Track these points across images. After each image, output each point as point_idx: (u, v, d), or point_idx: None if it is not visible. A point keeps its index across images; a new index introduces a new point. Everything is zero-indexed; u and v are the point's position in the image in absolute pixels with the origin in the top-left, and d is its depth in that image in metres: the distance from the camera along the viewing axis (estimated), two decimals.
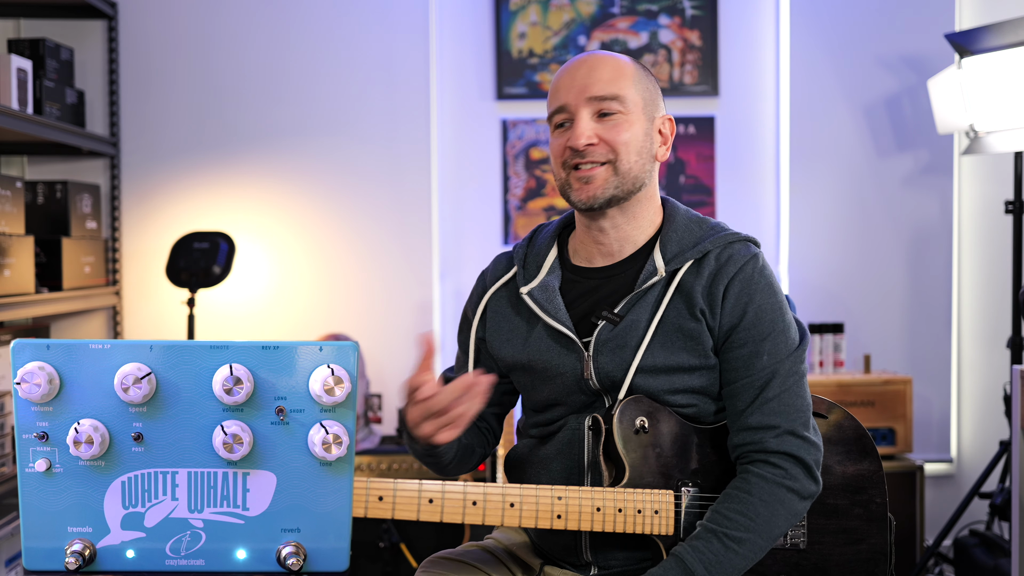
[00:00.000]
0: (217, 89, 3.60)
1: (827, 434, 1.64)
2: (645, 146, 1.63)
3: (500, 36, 3.63)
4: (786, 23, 3.65)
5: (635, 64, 1.66)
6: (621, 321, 1.61)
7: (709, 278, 1.60)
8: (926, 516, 3.52)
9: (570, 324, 1.64)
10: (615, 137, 1.60)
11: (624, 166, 1.61)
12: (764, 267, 1.62)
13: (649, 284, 1.61)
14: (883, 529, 1.64)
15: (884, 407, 3.33)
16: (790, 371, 1.58)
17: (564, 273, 1.71)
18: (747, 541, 1.50)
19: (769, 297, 1.60)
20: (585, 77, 1.62)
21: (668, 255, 1.63)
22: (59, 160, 3.58)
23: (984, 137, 3.20)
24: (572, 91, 1.62)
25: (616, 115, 1.61)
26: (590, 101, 1.61)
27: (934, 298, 3.68)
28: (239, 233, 3.52)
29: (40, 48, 3.15)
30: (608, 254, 1.68)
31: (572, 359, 1.63)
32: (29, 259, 2.89)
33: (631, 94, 1.62)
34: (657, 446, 1.58)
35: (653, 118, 1.66)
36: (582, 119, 1.60)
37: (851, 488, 1.63)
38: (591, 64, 1.63)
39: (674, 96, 3.65)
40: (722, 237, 1.65)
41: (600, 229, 1.67)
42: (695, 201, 3.68)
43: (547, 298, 1.67)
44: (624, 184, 1.61)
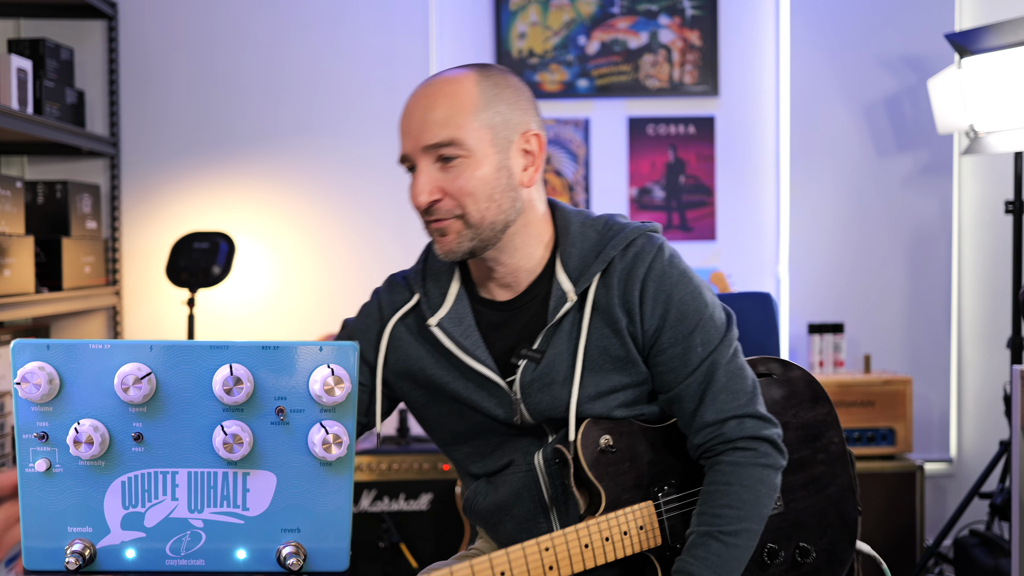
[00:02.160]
0: (217, 89, 3.59)
1: (780, 391, 1.62)
2: (500, 183, 1.47)
3: (500, 36, 3.63)
4: (786, 23, 3.65)
5: (480, 85, 1.48)
6: (543, 358, 1.52)
7: (621, 287, 1.51)
8: (926, 516, 3.52)
9: (493, 365, 1.54)
10: (458, 188, 1.45)
11: (475, 217, 1.46)
12: (671, 256, 1.54)
13: (563, 312, 1.52)
14: (846, 466, 1.64)
15: (884, 407, 3.33)
16: (728, 355, 1.52)
17: (472, 304, 1.58)
18: (743, 531, 1.47)
19: (686, 286, 1.52)
20: (420, 122, 1.46)
21: (573, 274, 1.53)
22: (59, 160, 3.58)
23: (984, 137, 3.20)
24: (410, 138, 1.48)
25: (457, 160, 1.45)
26: (426, 151, 1.46)
27: (934, 298, 3.68)
28: (239, 233, 3.52)
29: (40, 48, 3.15)
30: (507, 287, 1.57)
31: (496, 401, 1.55)
32: (29, 259, 2.88)
33: (472, 130, 1.45)
34: (626, 460, 1.53)
35: (510, 143, 1.49)
36: (421, 172, 1.46)
37: (810, 436, 1.62)
38: (425, 104, 1.47)
39: (674, 96, 3.65)
40: (621, 238, 1.53)
41: (487, 267, 1.55)
42: (695, 201, 3.68)
43: (462, 333, 1.55)
44: (481, 233, 1.48)
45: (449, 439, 1.64)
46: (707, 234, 3.68)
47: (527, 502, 1.57)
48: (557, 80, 3.64)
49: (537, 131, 1.52)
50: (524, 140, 1.51)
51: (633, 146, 3.67)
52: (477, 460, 1.63)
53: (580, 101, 3.66)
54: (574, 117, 3.66)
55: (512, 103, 1.50)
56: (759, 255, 3.71)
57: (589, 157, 3.67)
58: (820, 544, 1.60)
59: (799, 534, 1.59)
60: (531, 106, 1.53)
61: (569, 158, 3.67)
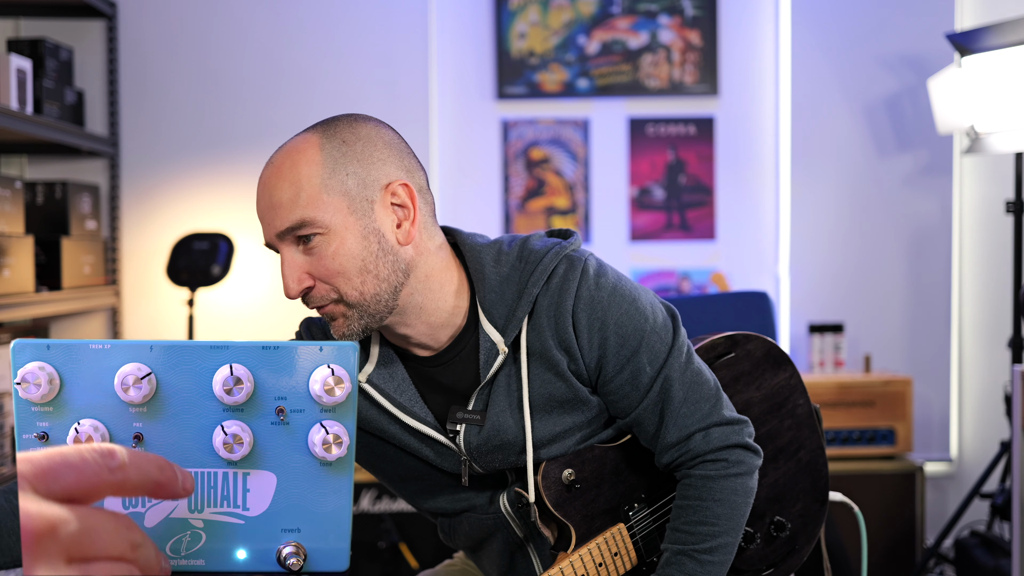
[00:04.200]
0: (217, 89, 3.59)
1: (741, 367, 1.57)
2: (371, 252, 1.32)
3: (500, 36, 3.63)
4: (786, 23, 3.65)
5: (324, 149, 1.32)
6: (484, 419, 1.41)
7: (552, 325, 1.38)
8: (926, 516, 3.52)
9: (435, 423, 1.43)
10: (325, 269, 1.32)
11: (353, 296, 1.33)
12: (597, 273, 1.40)
13: (497, 367, 1.39)
14: (814, 428, 1.61)
15: (884, 407, 3.33)
16: (681, 365, 1.42)
17: (401, 360, 1.46)
18: (719, 547, 1.41)
19: (620, 304, 1.39)
20: (268, 208, 1.32)
21: (499, 322, 1.39)
22: (59, 160, 3.58)
23: (984, 137, 3.20)
24: (264, 225, 1.34)
25: (316, 240, 1.31)
26: (282, 237, 1.32)
27: (934, 298, 3.68)
28: (239, 233, 3.52)
29: (40, 48, 3.15)
30: (426, 347, 1.43)
31: (443, 459, 1.46)
32: (29, 259, 2.88)
33: (323, 205, 1.30)
34: (593, 489, 1.47)
35: (371, 204, 1.32)
36: (285, 260, 1.33)
37: (775, 404, 1.58)
38: (269, 186, 1.33)
39: (674, 96, 3.65)
40: (540, 271, 1.39)
41: (396, 332, 1.41)
42: (695, 201, 3.67)
43: (396, 389, 1.44)
44: (368, 309, 1.34)
45: (394, 476, 1.55)
46: (707, 234, 3.68)
47: (501, 540, 1.52)
48: (557, 80, 3.64)
49: (404, 179, 1.35)
50: (389, 194, 1.34)
51: (633, 146, 3.67)
52: (427, 498, 1.55)
53: (580, 101, 3.65)
54: (574, 117, 3.66)
55: (364, 159, 1.33)
56: (759, 255, 3.70)
57: (589, 157, 3.67)
58: (794, 512, 1.59)
59: (773, 509, 1.58)
60: (390, 153, 1.36)
61: (569, 158, 3.66)
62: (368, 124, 1.37)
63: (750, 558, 1.56)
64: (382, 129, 1.38)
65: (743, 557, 1.56)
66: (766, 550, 1.57)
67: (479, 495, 1.51)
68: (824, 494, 1.62)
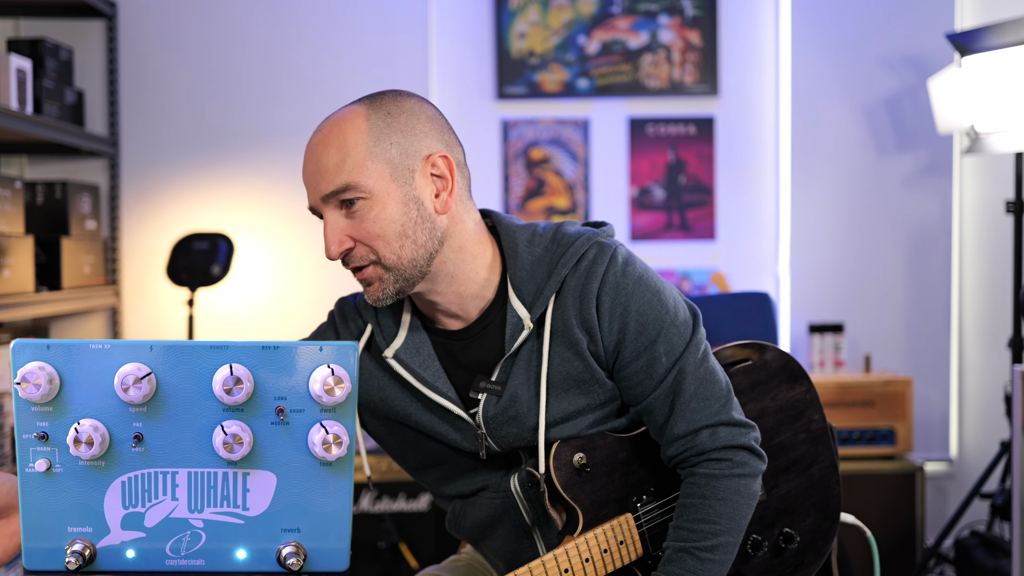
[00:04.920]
0: (216, 89, 3.59)
1: (757, 376, 1.58)
2: (410, 218, 1.40)
3: (500, 36, 3.62)
4: (786, 23, 3.64)
5: (370, 119, 1.40)
6: (504, 390, 1.47)
7: (576, 305, 1.45)
8: (927, 516, 3.51)
9: (455, 397, 1.49)
10: (366, 232, 1.39)
11: (391, 259, 1.40)
12: (625, 262, 1.46)
13: (520, 341, 1.46)
14: (828, 445, 1.61)
15: (884, 407, 3.33)
16: (696, 361, 1.46)
17: (428, 334, 1.52)
18: (720, 545, 1.43)
19: (643, 294, 1.45)
20: (314, 172, 1.41)
21: (526, 299, 1.46)
22: (59, 160, 3.58)
23: (984, 137, 3.20)
24: (310, 189, 1.42)
25: (359, 204, 1.39)
26: (327, 200, 1.40)
27: (934, 298, 3.68)
28: (239, 233, 3.52)
29: (39, 48, 3.15)
30: (456, 316, 1.50)
31: (461, 435, 1.51)
32: (29, 259, 2.88)
33: (368, 171, 1.38)
34: (603, 475, 1.49)
35: (413, 173, 1.40)
36: (327, 223, 1.41)
37: (790, 417, 1.59)
38: (317, 152, 1.41)
39: (674, 96, 3.65)
40: (571, 253, 1.46)
41: (427, 300, 1.48)
42: (695, 201, 3.67)
43: (421, 364, 1.50)
44: (404, 273, 1.41)
45: (416, 464, 1.61)
46: (707, 234, 3.68)
47: (508, 525, 1.54)
48: (557, 80, 3.64)
49: (444, 152, 1.43)
50: (429, 165, 1.42)
51: (633, 146, 3.67)
52: (447, 483, 1.59)
53: (580, 101, 3.65)
54: (574, 117, 3.66)
55: (407, 130, 1.41)
56: (759, 255, 3.70)
57: (589, 157, 3.67)
58: (804, 527, 1.59)
59: (782, 520, 1.58)
60: (432, 127, 1.44)
61: (569, 158, 3.66)
62: (412, 99, 1.45)
63: (757, 566, 1.56)
64: (424, 104, 1.46)
65: (750, 564, 1.56)
66: (773, 561, 1.57)
67: (493, 473, 1.54)
68: (836, 512, 1.62)
